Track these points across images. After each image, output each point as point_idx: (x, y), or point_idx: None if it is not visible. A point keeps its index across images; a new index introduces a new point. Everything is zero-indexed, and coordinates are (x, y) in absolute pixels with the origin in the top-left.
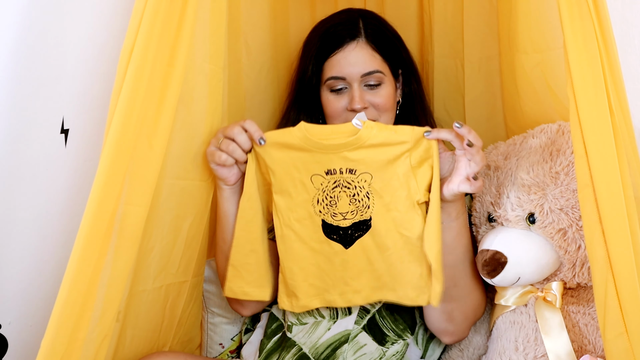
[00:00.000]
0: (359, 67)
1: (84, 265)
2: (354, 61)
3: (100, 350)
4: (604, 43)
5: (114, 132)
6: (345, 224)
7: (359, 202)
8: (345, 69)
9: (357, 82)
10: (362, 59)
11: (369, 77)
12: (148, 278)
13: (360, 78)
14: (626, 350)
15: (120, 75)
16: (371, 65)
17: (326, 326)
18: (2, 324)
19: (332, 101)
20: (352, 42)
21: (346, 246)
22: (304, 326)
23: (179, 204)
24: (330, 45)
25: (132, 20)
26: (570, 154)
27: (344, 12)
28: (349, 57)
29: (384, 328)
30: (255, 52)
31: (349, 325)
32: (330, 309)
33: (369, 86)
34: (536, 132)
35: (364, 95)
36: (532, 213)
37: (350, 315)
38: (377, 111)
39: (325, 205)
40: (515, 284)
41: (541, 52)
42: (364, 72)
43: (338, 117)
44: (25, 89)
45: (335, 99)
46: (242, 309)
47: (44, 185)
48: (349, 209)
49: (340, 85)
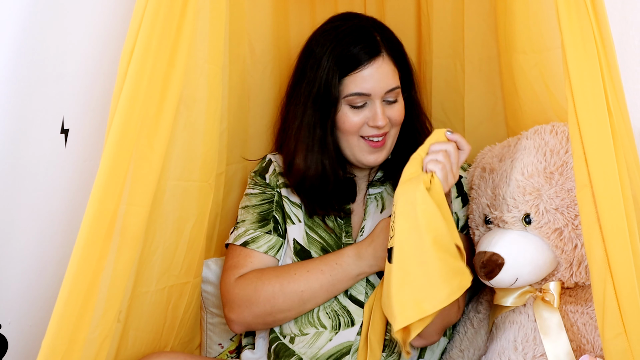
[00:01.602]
0: (384, 83)
1: (85, 265)
2: (379, 77)
3: (101, 350)
4: (602, 43)
5: (115, 132)
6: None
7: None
8: (371, 85)
9: (379, 98)
10: (387, 76)
11: (390, 93)
12: (151, 280)
13: (383, 94)
14: (625, 350)
15: (121, 75)
16: (394, 82)
17: (327, 337)
18: (2, 324)
19: (351, 117)
20: (378, 57)
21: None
22: (305, 337)
23: (181, 206)
24: (353, 61)
25: (133, 20)
26: (564, 154)
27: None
28: (376, 74)
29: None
30: (258, 53)
31: (351, 336)
32: (332, 319)
33: (387, 101)
34: (530, 133)
35: (385, 110)
36: (528, 214)
37: (352, 326)
38: (392, 126)
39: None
40: (513, 284)
41: (539, 53)
42: (388, 89)
43: (355, 132)
44: (25, 89)
45: (354, 114)
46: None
47: (44, 185)
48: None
49: (361, 102)
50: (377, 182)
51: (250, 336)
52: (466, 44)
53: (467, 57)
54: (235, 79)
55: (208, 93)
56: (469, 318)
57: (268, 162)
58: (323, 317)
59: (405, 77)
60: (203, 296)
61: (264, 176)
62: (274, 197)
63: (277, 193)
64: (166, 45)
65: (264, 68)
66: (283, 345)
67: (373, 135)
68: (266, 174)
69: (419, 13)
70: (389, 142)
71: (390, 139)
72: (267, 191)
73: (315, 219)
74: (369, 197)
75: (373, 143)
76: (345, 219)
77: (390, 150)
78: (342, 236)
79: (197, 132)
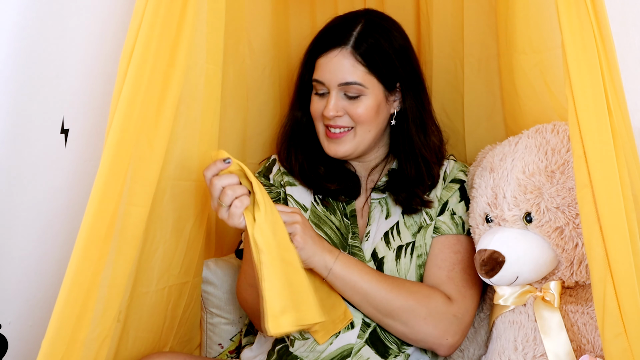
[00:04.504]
0: (337, 75)
1: (85, 265)
2: (333, 69)
3: (100, 350)
4: (602, 43)
5: (115, 132)
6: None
7: None
8: (325, 74)
9: (335, 89)
10: (341, 68)
11: (346, 87)
12: (151, 280)
13: (337, 86)
14: (625, 350)
15: (121, 75)
16: (350, 76)
17: (328, 341)
18: (2, 324)
19: (314, 102)
20: (335, 49)
21: None
22: (306, 341)
23: (181, 205)
24: (320, 47)
25: (133, 20)
26: (566, 153)
27: (355, 12)
28: (329, 63)
29: (386, 341)
30: (258, 52)
31: (352, 339)
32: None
33: (347, 95)
34: (531, 132)
35: (340, 102)
36: (529, 212)
37: (352, 329)
38: (353, 121)
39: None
40: (514, 283)
41: (540, 52)
42: (341, 82)
43: (317, 119)
44: (25, 89)
45: (317, 101)
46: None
47: (44, 185)
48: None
49: (322, 90)
50: (378, 188)
51: (250, 335)
52: (466, 43)
53: (467, 57)
54: (234, 79)
55: (207, 93)
56: None
57: (272, 161)
58: None
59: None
60: (203, 296)
61: (267, 176)
62: (279, 196)
63: (282, 191)
64: (166, 45)
65: (264, 68)
66: (286, 348)
67: (329, 125)
68: (270, 174)
69: (419, 13)
70: (353, 139)
71: (355, 137)
72: (272, 190)
73: (322, 218)
74: (373, 201)
75: (330, 133)
76: (352, 219)
77: (356, 147)
78: (348, 237)
79: (196, 131)
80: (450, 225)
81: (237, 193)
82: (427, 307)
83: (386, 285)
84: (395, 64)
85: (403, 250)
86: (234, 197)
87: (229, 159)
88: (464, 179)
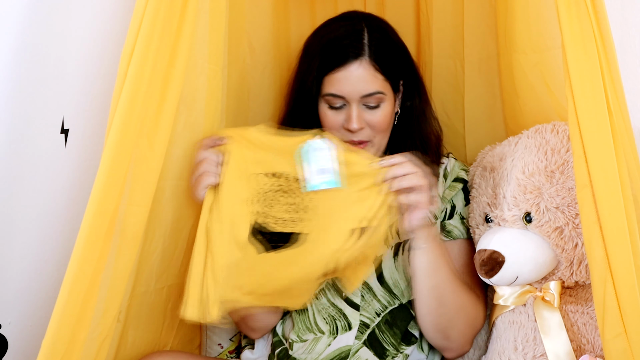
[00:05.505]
0: (360, 87)
1: (85, 265)
2: (355, 82)
3: (101, 350)
4: (602, 43)
5: (115, 132)
6: (275, 229)
7: (296, 213)
8: (346, 88)
9: (356, 102)
10: (363, 80)
11: (368, 98)
12: (150, 279)
13: (359, 99)
14: (625, 351)
15: (122, 75)
16: (372, 87)
17: (326, 342)
18: (2, 324)
19: (329, 116)
20: (355, 61)
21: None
22: (304, 343)
23: (181, 205)
24: (332, 61)
25: (133, 20)
26: (565, 153)
27: (348, 18)
28: (351, 77)
29: (384, 342)
30: (258, 52)
31: (350, 340)
32: (329, 324)
33: (367, 106)
34: (531, 132)
35: (362, 114)
36: (529, 212)
37: (350, 330)
38: (373, 131)
39: (263, 206)
40: (513, 283)
41: (539, 52)
42: (364, 94)
43: (336, 132)
44: (26, 88)
45: (332, 114)
46: (253, 333)
47: (44, 185)
48: (282, 216)
49: (339, 103)
50: None
51: None
52: (466, 43)
53: (467, 57)
54: (235, 78)
55: (208, 93)
56: None
57: None
58: (320, 322)
59: (397, 80)
60: None
61: None
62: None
63: None
64: (166, 46)
65: (264, 68)
66: (286, 351)
67: (349, 141)
68: None
69: (418, 13)
70: (371, 148)
71: (373, 146)
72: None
73: None
74: None
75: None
76: None
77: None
78: None
79: (196, 132)
80: (461, 229)
81: (206, 169)
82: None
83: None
84: (403, 63)
85: (401, 248)
86: (202, 171)
87: (224, 138)
88: (466, 178)
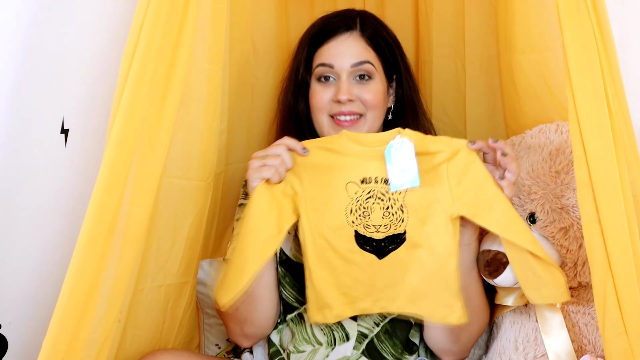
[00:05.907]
0: (350, 56)
1: (86, 265)
2: (345, 50)
3: (102, 350)
4: (602, 42)
5: (116, 132)
6: (379, 237)
7: (393, 215)
8: (336, 57)
9: (346, 73)
10: (354, 49)
11: (359, 67)
12: (146, 277)
13: (350, 69)
14: (625, 350)
15: (123, 76)
16: (362, 56)
17: (324, 353)
18: (2, 324)
19: (318, 91)
20: (345, 32)
21: (380, 257)
22: (301, 354)
23: (177, 203)
24: (323, 35)
25: (135, 20)
26: (570, 153)
27: (344, 10)
28: (341, 46)
29: (383, 352)
30: (262, 53)
31: (347, 351)
32: (327, 335)
33: (358, 80)
34: (534, 132)
35: (352, 87)
36: (533, 213)
37: (348, 341)
38: (364, 106)
39: (358, 216)
40: (517, 283)
41: (540, 52)
42: (354, 62)
43: (323, 109)
44: (26, 89)
45: (322, 89)
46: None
47: (44, 185)
48: (382, 222)
49: (328, 74)
50: None
51: None
52: (467, 43)
53: (468, 57)
54: (238, 78)
55: (207, 93)
56: None
57: None
58: (318, 333)
59: (390, 70)
60: (198, 297)
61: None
62: None
63: None
64: (168, 46)
65: (267, 68)
66: None
67: (339, 112)
68: None
69: (417, 13)
70: (364, 125)
71: (366, 123)
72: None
73: None
74: None
75: (339, 121)
76: None
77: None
78: None
79: (194, 131)
80: None
81: (274, 164)
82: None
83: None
84: (396, 54)
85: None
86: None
87: (307, 150)
88: None
